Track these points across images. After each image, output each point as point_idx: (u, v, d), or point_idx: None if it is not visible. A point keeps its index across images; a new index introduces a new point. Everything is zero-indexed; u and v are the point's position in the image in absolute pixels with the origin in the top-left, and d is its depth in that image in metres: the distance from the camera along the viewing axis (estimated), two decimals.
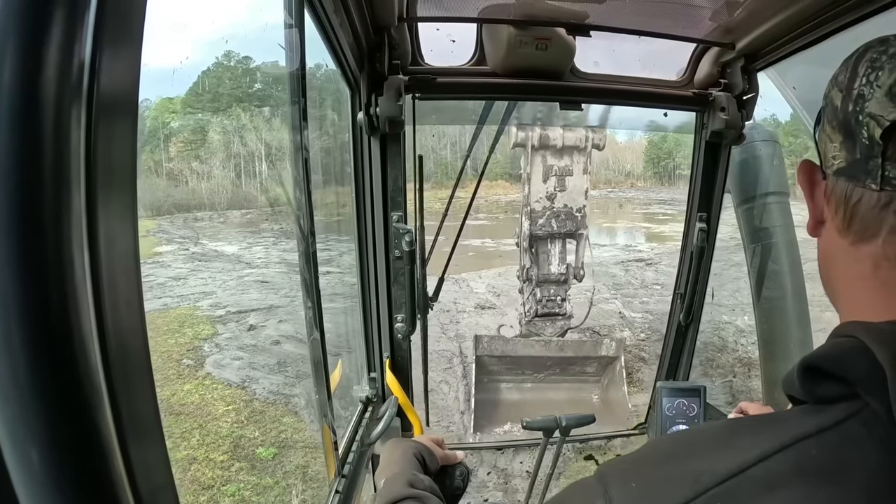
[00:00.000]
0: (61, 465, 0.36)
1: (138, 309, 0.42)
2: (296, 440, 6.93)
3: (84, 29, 0.34)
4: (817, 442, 0.50)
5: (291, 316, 10.53)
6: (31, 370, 0.34)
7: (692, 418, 1.74)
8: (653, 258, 17.75)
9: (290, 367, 8.55)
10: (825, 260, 0.68)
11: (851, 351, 0.53)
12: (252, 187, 28.76)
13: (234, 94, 29.80)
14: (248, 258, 15.78)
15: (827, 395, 0.53)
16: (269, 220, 21.78)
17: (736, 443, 0.54)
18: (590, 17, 1.80)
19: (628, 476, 0.58)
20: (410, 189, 2.05)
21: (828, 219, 0.65)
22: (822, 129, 0.64)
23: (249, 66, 31.60)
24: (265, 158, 28.89)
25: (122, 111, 0.39)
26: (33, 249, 0.33)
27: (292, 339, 9.35)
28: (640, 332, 10.81)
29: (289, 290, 12.31)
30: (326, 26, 1.45)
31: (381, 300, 2.14)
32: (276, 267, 14.58)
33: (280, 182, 26.65)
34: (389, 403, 2.13)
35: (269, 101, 29.23)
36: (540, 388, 7.54)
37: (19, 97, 0.33)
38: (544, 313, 8.07)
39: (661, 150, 53.67)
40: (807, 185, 0.68)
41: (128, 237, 0.40)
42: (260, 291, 12.17)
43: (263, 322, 10.22)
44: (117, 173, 0.39)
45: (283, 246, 17.18)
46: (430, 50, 2.02)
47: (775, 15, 1.68)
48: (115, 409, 0.37)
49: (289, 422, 7.27)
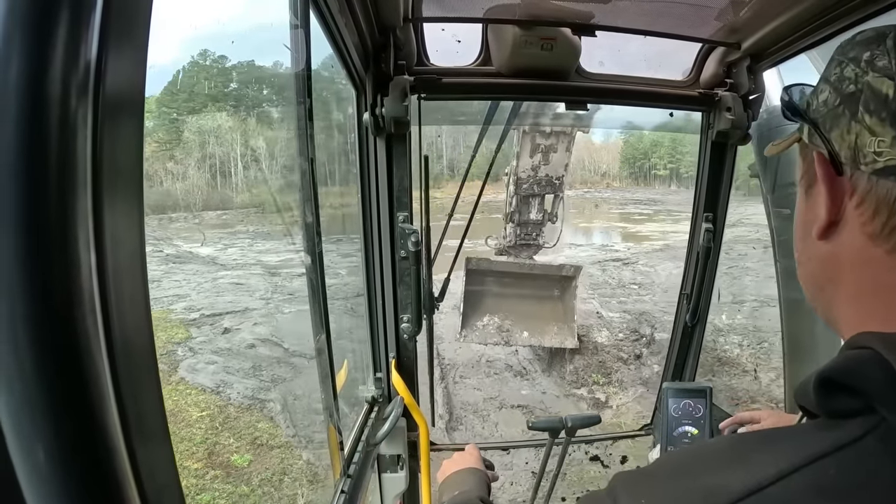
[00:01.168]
0: (67, 462, 0.36)
1: (144, 307, 0.42)
2: (272, 446, 6.88)
3: (90, 29, 0.34)
4: (835, 460, 0.48)
5: (267, 319, 10.46)
6: (37, 368, 0.34)
7: (698, 419, 1.74)
8: (629, 258, 17.67)
9: (266, 370, 8.49)
10: (829, 266, 0.62)
11: (868, 363, 0.50)
12: (228, 188, 28.59)
13: (210, 94, 29.76)
14: (223, 260, 15.60)
15: (843, 410, 0.51)
16: (245, 222, 21.57)
17: (751, 459, 0.52)
18: (595, 17, 1.80)
19: (639, 491, 0.56)
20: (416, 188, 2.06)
21: (849, 221, 0.58)
22: (854, 118, 0.55)
23: (225, 65, 31.74)
24: (241, 159, 28.72)
25: (128, 111, 0.39)
26: (40, 248, 0.34)
27: (268, 342, 9.28)
28: (619, 332, 10.79)
29: (264, 292, 12.26)
30: (332, 27, 1.45)
31: (387, 300, 2.14)
32: (252, 269, 14.49)
33: (256, 183, 26.57)
34: (395, 404, 2.13)
35: (246, 100, 29.23)
36: (511, 294, 9.41)
37: (26, 97, 0.33)
38: (521, 244, 9.63)
39: (637, 151, 53.67)
40: (826, 180, 0.59)
41: (134, 236, 0.41)
42: (235, 294, 12.10)
43: (238, 325, 10.13)
44: (124, 173, 0.39)
45: (258, 247, 17.11)
46: (436, 50, 2.02)
47: (781, 14, 1.67)
48: (120, 407, 0.37)
49: (264, 427, 7.20)
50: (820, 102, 0.61)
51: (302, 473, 6.50)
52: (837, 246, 0.61)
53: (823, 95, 0.61)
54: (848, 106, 0.57)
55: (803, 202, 0.66)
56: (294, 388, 8.06)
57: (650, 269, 16.13)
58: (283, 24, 1.22)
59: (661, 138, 51.97)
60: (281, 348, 8.99)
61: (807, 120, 0.63)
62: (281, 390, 7.95)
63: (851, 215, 0.58)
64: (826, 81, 0.61)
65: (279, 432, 7.12)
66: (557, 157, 8.88)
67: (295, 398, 7.77)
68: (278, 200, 17.04)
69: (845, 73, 0.58)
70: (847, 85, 0.57)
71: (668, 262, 16.37)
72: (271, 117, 27.45)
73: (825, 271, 0.64)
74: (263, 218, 22.08)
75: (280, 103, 27.58)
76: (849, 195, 0.58)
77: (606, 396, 8.77)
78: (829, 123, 0.59)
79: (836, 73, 0.59)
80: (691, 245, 2.40)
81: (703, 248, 2.27)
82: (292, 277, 12.25)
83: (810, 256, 0.65)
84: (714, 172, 2.26)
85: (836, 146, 0.58)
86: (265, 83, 30.52)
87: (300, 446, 6.91)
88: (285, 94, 4.21)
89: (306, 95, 1.27)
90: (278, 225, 17.36)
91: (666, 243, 20.16)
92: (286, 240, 15.16)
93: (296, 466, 6.62)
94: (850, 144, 0.56)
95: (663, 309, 11.59)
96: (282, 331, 9.55)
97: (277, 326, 9.92)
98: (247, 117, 29.86)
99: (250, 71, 31.14)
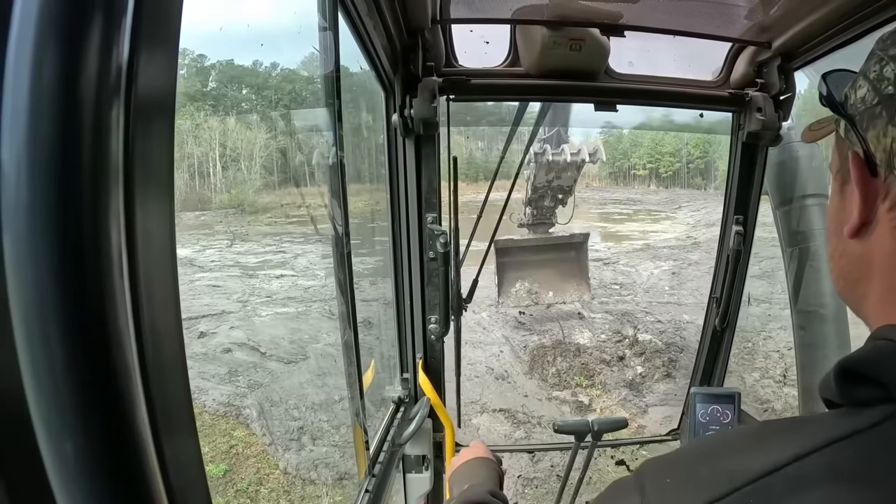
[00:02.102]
0: (95, 459, 0.37)
1: (174, 306, 0.42)
2: (248, 455, 6.83)
3: (122, 31, 0.35)
4: (852, 443, 0.49)
5: (244, 322, 10.38)
6: (67, 365, 0.35)
7: (726, 425, 1.72)
8: (610, 258, 17.48)
9: (242, 376, 8.39)
10: (861, 265, 0.62)
11: (888, 354, 0.52)
12: (206, 188, 28.53)
13: (187, 93, 29.79)
14: (200, 261, 15.34)
15: (863, 398, 0.51)
16: (224, 223, 21.54)
17: (771, 443, 0.53)
18: (623, 17, 1.79)
19: (664, 472, 0.57)
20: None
21: (882, 223, 0.58)
22: (892, 122, 0.54)
23: (204, 64, 31.95)
24: (220, 159, 28.73)
25: (159, 111, 0.40)
26: (72, 247, 0.34)
27: (244, 346, 9.18)
28: (601, 334, 10.69)
29: (241, 294, 12.18)
30: (360, 29, 1.46)
31: (415, 301, 2.14)
32: (230, 270, 14.37)
33: (235, 182, 26.60)
34: (422, 404, 2.14)
35: (224, 100, 29.27)
36: (534, 261, 10.93)
37: (60, 98, 0.33)
38: (537, 223, 11.39)
39: (617, 151, 52.98)
40: (860, 182, 0.59)
41: (164, 235, 0.41)
42: (212, 297, 11.89)
43: (215, 329, 9.95)
44: (155, 173, 0.40)
45: (237, 249, 17.08)
46: (464, 52, 2.02)
47: (812, 12, 1.64)
48: (149, 403, 0.38)
49: (240, 435, 7.13)
50: (858, 98, 0.59)
51: (278, 483, 6.48)
52: (868, 246, 0.60)
53: (862, 91, 0.59)
54: (886, 108, 0.55)
55: (837, 198, 0.64)
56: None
57: (631, 269, 16.07)
58: (311, 27, 1.23)
59: (641, 138, 52.07)
60: (257, 352, 8.93)
61: (844, 115, 0.62)
62: (257, 396, 7.87)
63: (884, 218, 0.58)
64: (865, 77, 0.59)
65: (255, 440, 7.08)
66: (569, 175, 10.53)
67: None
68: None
69: (885, 73, 0.56)
70: (886, 86, 0.56)
71: (648, 262, 16.36)
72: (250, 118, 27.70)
73: (856, 269, 0.63)
74: (243, 218, 22.22)
75: (258, 104, 27.70)
76: (882, 198, 0.57)
77: (590, 399, 8.68)
78: (867, 123, 0.57)
79: (875, 70, 0.58)
80: (721, 248, 2.36)
81: (734, 251, 2.23)
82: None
83: (842, 254, 0.65)
84: (744, 174, 2.22)
85: (872, 147, 0.57)
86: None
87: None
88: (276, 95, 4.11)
89: (335, 97, 1.27)
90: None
91: (646, 243, 20.10)
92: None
93: (273, 476, 6.57)
94: (886, 147, 0.55)
95: (645, 309, 11.63)
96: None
97: (254, 330, 9.92)
98: (225, 117, 30.08)
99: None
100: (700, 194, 40.45)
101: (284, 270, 14.16)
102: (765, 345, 9.37)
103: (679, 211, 29.03)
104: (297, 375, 8.35)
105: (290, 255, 15.80)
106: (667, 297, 13.64)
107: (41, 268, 0.34)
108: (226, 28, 34.57)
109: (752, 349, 9.29)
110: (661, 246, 19.30)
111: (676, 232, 23.43)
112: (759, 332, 9.64)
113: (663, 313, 12.06)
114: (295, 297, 12.15)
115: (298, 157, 19.28)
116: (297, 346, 9.37)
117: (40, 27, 0.33)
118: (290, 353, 8.98)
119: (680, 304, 12.76)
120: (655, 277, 15.19)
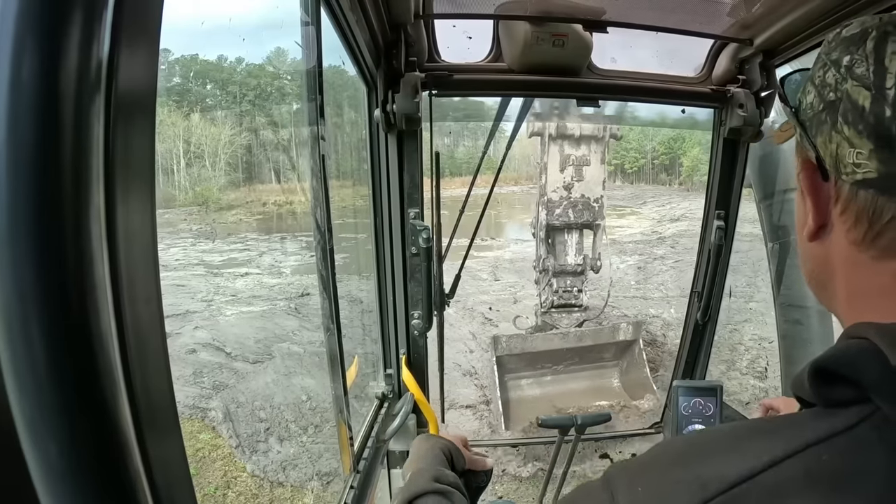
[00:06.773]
0: (80, 459, 0.36)
1: (156, 304, 0.42)
2: (214, 458, 6.77)
3: (102, 26, 0.34)
4: (828, 447, 0.48)
5: (209, 322, 10.23)
6: (50, 365, 0.34)
7: (708, 418, 1.73)
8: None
9: (207, 377, 8.23)
10: (825, 267, 0.63)
11: (863, 353, 0.51)
12: (170, 185, 28.14)
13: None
14: (163, 261, 14.96)
15: (838, 399, 0.51)
16: (188, 221, 21.21)
17: (746, 447, 0.52)
18: (606, 13, 1.79)
19: (635, 480, 0.56)
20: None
21: (835, 226, 0.59)
22: (835, 128, 0.55)
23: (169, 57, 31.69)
24: (183, 155, 28.35)
25: (140, 107, 0.39)
26: (53, 244, 0.34)
27: (209, 346, 9.02)
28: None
29: (206, 293, 12.04)
30: (343, 24, 1.45)
31: (398, 297, 2.14)
32: (194, 269, 14.21)
33: (199, 179, 26.39)
34: (405, 400, 2.14)
35: (190, 95, 28.98)
36: (561, 379, 7.77)
37: (39, 94, 0.33)
38: (561, 304, 8.39)
39: None
40: (810, 189, 0.61)
41: (146, 232, 0.41)
42: (175, 296, 11.61)
43: (179, 329, 9.70)
44: (136, 169, 0.39)
45: (201, 247, 16.90)
46: (447, 47, 2.01)
47: (794, 10, 1.65)
48: (132, 404, 0.37)
49: (206, 438, 7.06)
50: (808, 104, 0.60)
51: (246, 486, 6.44)
52: (828, 248, 0.62)
53: (810, 97, 0.60)
54: (829, 113, 0.56)
55: (800, 202, 0.65)
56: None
57: (610, 264, 16.00)
58: (294, 23, 1.23)
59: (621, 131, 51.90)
60: (223, 353, 8.81)
61: (797, 121, 0.62)
62: (223, 398, 7.77)
63: (836, 221, 0.59)
64: (812, 83, 0.60)
65: (222, 442, 7.01)
66: (592, 173, 8.23)
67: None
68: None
69: (827, 79, 0.57)
70: (828, 92, 0.57)
71: (613, 257, 16.23)
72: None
73: (821, 271, 0.64)
74: (206, 216, 22.03)
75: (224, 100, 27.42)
76: (833, 202, 0.58)
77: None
78: (815, 129, 0.59)
79: (819, 75, 0.59)
80: (702, 243, 2.39)
81: (715, 245, 2.26)
82: None
83: (808, 256, 0.66)
84: (726, 170, 2.24)
85: (822, 152, 0.58)
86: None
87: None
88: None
89: (317, 92, 1.27)
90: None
91: (611, 237, 19.99)
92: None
93: (241, 479, 6.52)
94: (832, 153, 0.56)
95: (611, 304, 11.38)
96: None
97: (219, 330, 9.79)
98: (190, 112, 29.82)
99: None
100: (665, 189, 40.80)
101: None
102: (730, 337, 9.38)
103: (644, 206, 29.26)
104: (264, 376, 8.27)
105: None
106: (633, 291, 13.73)
107: (21, 267, 0.33)
108: (208, 23, 34.12)
109: (719, 342, 9.27)
110: (627, 241, 19.43)
111: (642, 227, 23.67)
112: (724, 325, 9.71)
113: (629, 308, 12.15)
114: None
115: (276, 153, 19.09)
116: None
117: (19, 21, 0.32)
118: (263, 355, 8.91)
119: (646, 298, 12.84)
120: (621, 272, 15.26)
